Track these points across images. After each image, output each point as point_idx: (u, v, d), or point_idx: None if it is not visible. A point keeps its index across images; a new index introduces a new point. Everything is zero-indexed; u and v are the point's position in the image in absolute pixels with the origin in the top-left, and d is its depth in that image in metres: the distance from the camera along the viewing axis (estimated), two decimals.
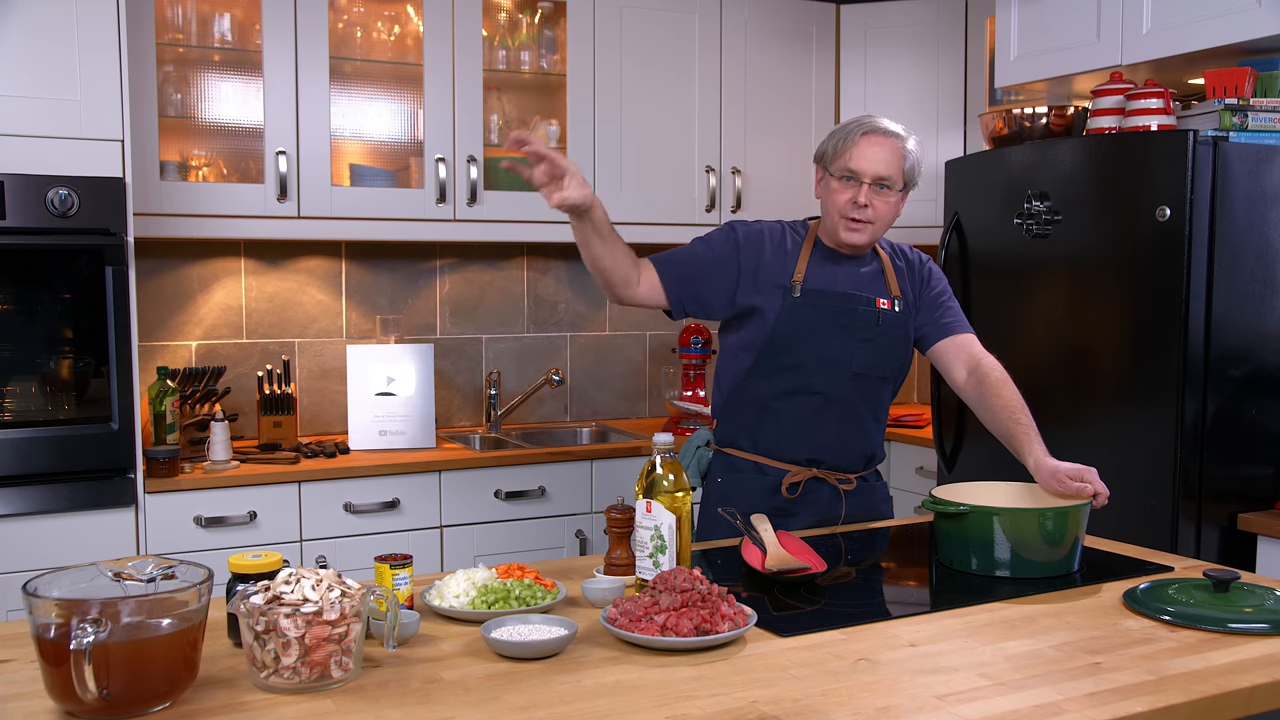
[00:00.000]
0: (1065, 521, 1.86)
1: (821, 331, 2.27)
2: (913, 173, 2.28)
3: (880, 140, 2.24)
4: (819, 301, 2.27)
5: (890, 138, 2.24)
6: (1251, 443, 2.73)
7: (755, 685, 1.37)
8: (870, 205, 2.23)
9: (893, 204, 2.26)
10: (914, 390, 4.64)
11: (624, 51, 3.65)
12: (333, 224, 3.30)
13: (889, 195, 2.25)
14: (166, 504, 2.88)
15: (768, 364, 2.29)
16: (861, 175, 2.23)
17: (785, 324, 2.26)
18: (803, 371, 2.28)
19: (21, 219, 2.65)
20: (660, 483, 1.77)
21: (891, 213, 2.27)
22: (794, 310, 2.26)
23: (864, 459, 2.37)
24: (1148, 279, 2.72)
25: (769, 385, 2.30)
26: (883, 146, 2.23)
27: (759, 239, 2.33)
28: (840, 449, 2.33)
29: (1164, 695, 1.34)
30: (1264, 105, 2.71)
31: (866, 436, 2.36)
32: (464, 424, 3.85)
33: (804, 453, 2.31)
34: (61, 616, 1.23)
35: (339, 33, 3.39)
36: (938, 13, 3.95)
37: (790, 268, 2.30)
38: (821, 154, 2.32)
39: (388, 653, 1.48)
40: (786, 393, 2.29)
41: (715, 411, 2.43)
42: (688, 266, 2.30)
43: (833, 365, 2.27)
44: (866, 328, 2.28)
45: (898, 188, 2.25)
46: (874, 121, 2.27)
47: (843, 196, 2.25)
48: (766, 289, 2.28)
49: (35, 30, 2.68)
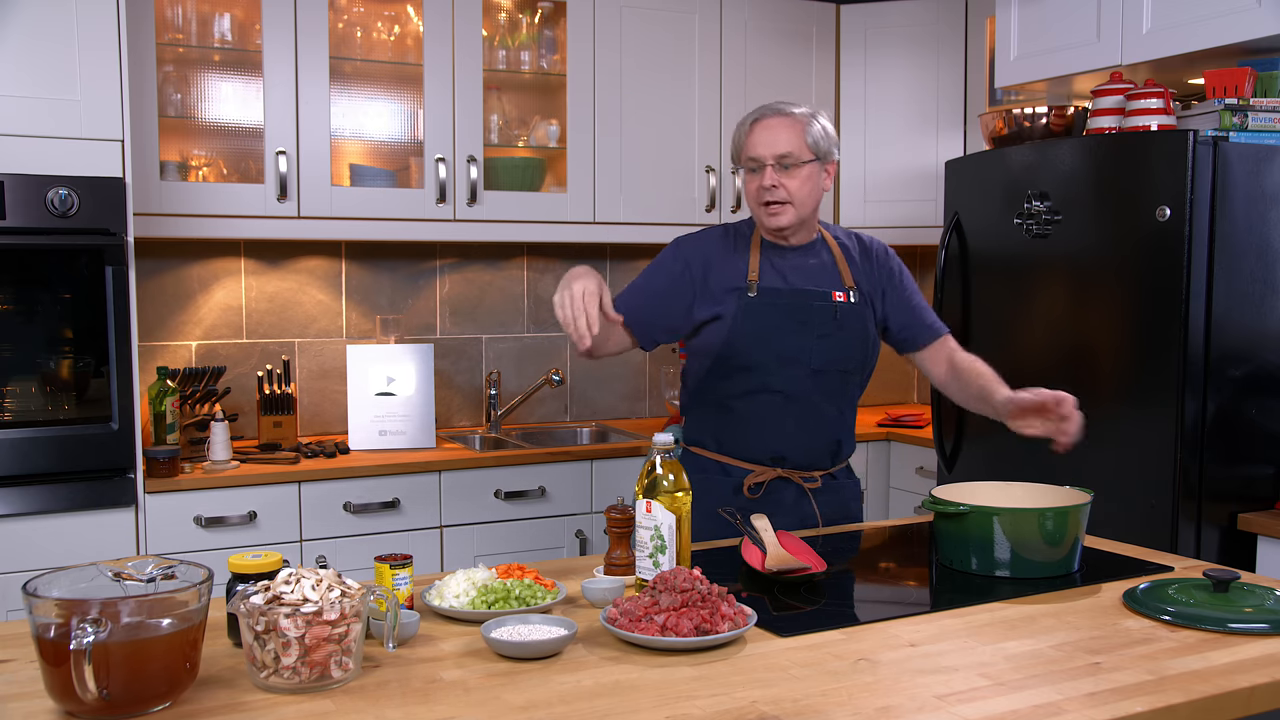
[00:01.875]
0: (1065, 521, 1.86)
1: (778, 330, 2.27)
2: (819, 144, 2.26)
3: (772, 122, 2.26)
4: (774, 299, 2.28)
5: (784, 117, 2.26)
6: (1251, 443, 2.73)
7: (755, 685, 1.37)
8: (779, 185, 2.24)
9: (804, 178, 2.25)
10: (914, 390, 4.64)
11: (624, 51, 3.65)
12: (333, 224, 3.30)
13: (797, 171, 2.24)
14: (166, 504, 2.88)
15: (726, 364, 2.29)
16: (762, 159, 2.24)
17: (743, 325, 2.27)
18: (761, 370, 2.28)
19: (21, 219, 2.65)
20: (660, 483, 1.77)
21: (807, 188, 2.26)
22: (750, 310, 2.27)
23: (829, 455, 2.36)
24: (1148, 279, 2.72)
25: (728, 385, 2.31)
26: (776, 127, 2.25)
27: (704, 250, 2.34)
28: (803, 447, 2.32)
29: (1164, 695, 1.34)
30: (1264, 105, 2.72)
31: (831, 433, 2.35)
32: (464, 424, 3.85)
33: (767, 452, 2.31)
34: (61, 616, 1.23)
35: (339, 33, 3.39)
36: (938, 13, 3.95)
37: (742, 269, 2.31)
38: (731, 153, 2.36)
39: (388, 653, 1.48)
40: (746, 392, 2.30)
41: (682, 410, 2.46)
42: (645, 301, 2.32)
43: (791, 363, 2.28)
44: (824, 323, 2.28)
45: (805, 160, 2.24)
46: (766, 107, 2.30)
47: (753, 185, 2.28)
48: (721, 295, 2.29)
49: (35, 30, 2.68)
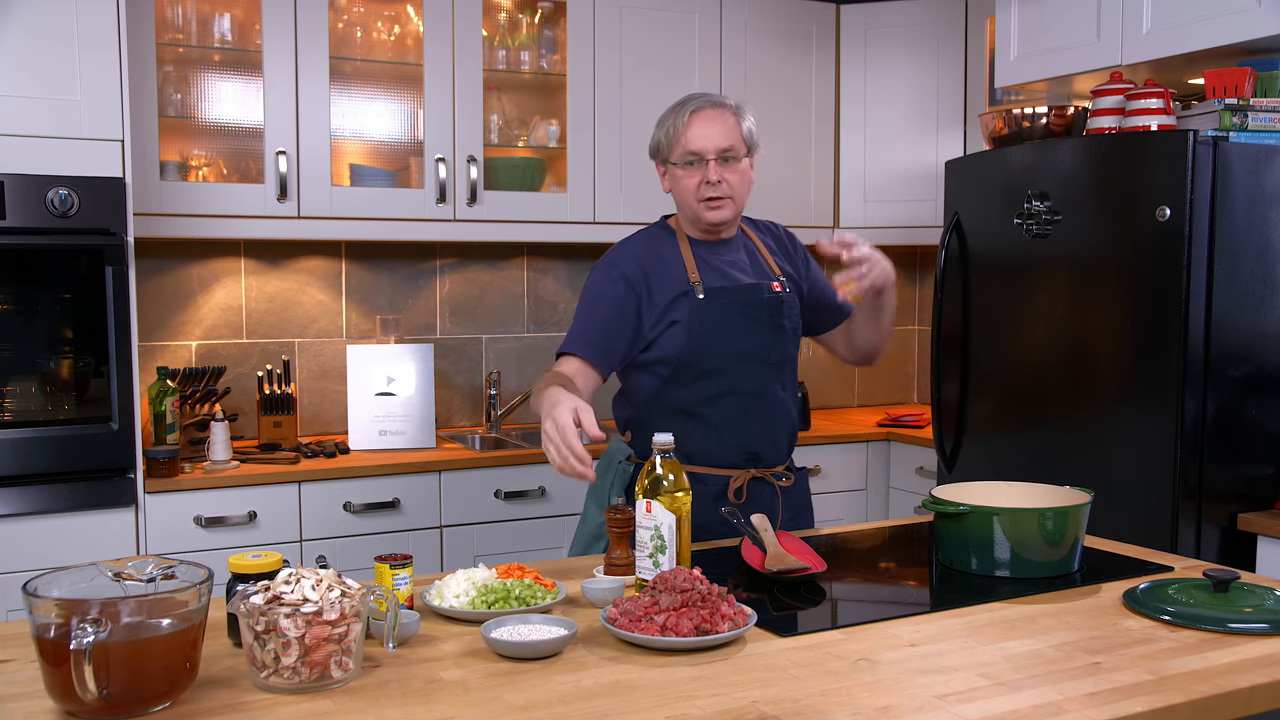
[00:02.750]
0: (1065, 521, 1.86)
1: (734, 329, 2.22)
2: (751, 136, 2.24)
3: (711, 115, 2.20)
4: (723, 298, 2.22)
5: (720, 109, 2.21)
6: (1251, 443, 2.73)
7: (755, 685, 1.37)
8: (723, 180, 2.19)
9: (742, 173, 2.22)
10: (914, 390, 4.64)
11: (624, 51, 3.65)
12: (333, 224, 3.30)
13: (736, 165, 2.21)
14: (166, 504, 2.88)
15: (688, 371, 2.21)
16: (705, 153, 2.19)
17: (700, 328, 2.20)
18: (725, 373, 2.22)
19: (21, 219, 2.65)
20: (660, 483, 1.77)
21: (745, 182, 2.24)
22: (703, 313, 2.20)
23: (788, 447, 2.34)
24: (1148, 279, 2.72)
25: (691, 392, 2.22)
26: (716, 120, 2.20)
27: (638, 262, 2.25)
28: (772, 443, 2.29)
29: (1164, 695, 1.34)
30: (1264, 105, 2.71)
31: (789, 424, 2.33)
32: (464, 424, 3.85)
33: (740, 454, 2.25)
34: (61, 616, 1.23)
35: (339, 33, 3.39)
36: (938, 13, 3.95)
37: (680, 272, 2.24)
38: (656, 147, 2.27)
39: (388, 653, 1.48)
40: (712, 397, 2.22)
41: (627, 425, 2.32)
42: (598, 333, 2.21)
43: (753, 360, 2.23)
44: (775, 314, 2.26)
45: (742, 154, 2.22)
46: (698, 99, 2.23)
47: (692, 180, 2.21)
48: (668, 304, 2.21)
49: (35, 30, 2.68)
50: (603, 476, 2.29)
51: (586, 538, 2.33)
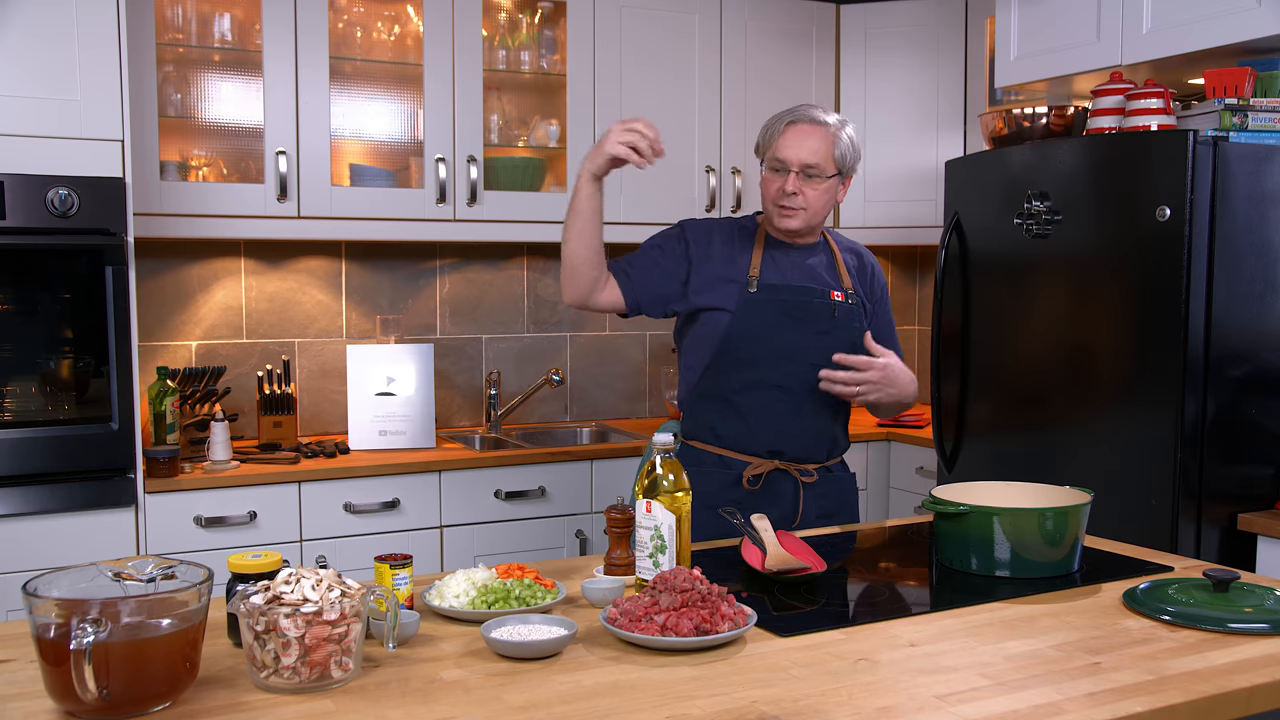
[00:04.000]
0: (1065, 521, 1.86)
1: (776, 325, 2.30)
2: (845, 159, 2.31)
3: (806, 129, 2.29)
4: (774, 295, 2.31)
5: (818, 126, 2.29)
6: (1251, 443, 2.73)
7: (755, 685, 1.37)
8: (800, 192, 2.28)
9: (823, 190, 2.30)
10: None
11: (624, 51, 3.65)
12: (333, 224, 3.30)
13: (818, 183, 2.29)
14: (166, 504, 2.88)
15: (725, 359, 2.32)
16: (789, 164, 2.28)
17: (741, 319, 2.30)
18: (760, 365, 2.31)
19: (21, 219, 2.65)
20: (660, 483, 1.77)
21: (823, 199, 2.32)
22: (750, 305, 2.30)
23: (826, 449, 2.40)
24: (1148, 279, 2.72)
25: (727, 380, 2.34)
26: (809, 135, 2.28)
27: (707, 234, 2.38)
28: (801, 441, 2.36)
29: (1164, 695, 1.34)
30: (1264, 105, 2.71)
31: (827, 427, 2.38)
32: (464, 424, 3.85)
33: (765, 445, 2.34)
34: (61, 616, 1.23)
35: (339, 33, 3.39)
36: (938, 13, 3.95)
37: (744, 263, 2.34)
38: (757, 146, 2.38)
39: (388, 653, 1.48)
40: (745, 386, 2.33)
41: (680, 405, 2.47)
42: (641, 268, 2.37)
43: (789, 358, 2.31)
44: (822, 319, 2.32)
45: (828, 174, 2.29)
46: (802, 110, 2.32)
47: (773, 185, 2.31)
48: (720, 285, 2.32)
49: (35, 30, 2.68)
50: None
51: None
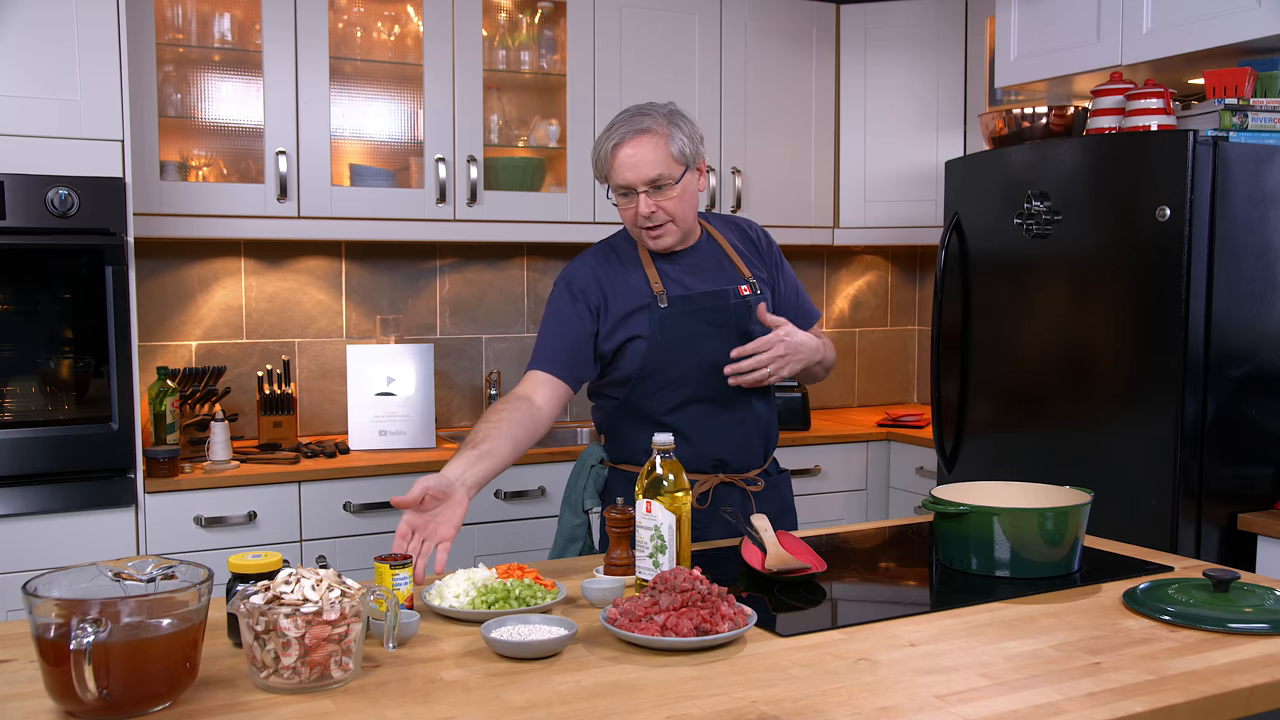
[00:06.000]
0: (1065, 521, 1.86)
1: (698, 336, 2.17)
2: (686, 151, 2.12)
3: (634, 144, 2.09)
4: (686, 306, 2.17)
5: (644, 135, 2.09)
6: (1251, 443, 2.73)
7: (755, 685, 1.37)
8: (657, 209, 2.12)
9: (679, 194, 2.13)
10: (914, 390, 4.64)
11: (624, 51, 3.65)
12: (333, 224, 3.30)
13: (671, 190, 2.11)
14: (166, 504, 2.88)
15: (652, 380, 2.19)
16: (633, 186, 2.11)
17: (661, 338, 2.16)
18: (689, 382, 2.19)
19: (21, 219, 2.65)
20: (660, 483, 1.77)
21: (685, 202, 2.15)
22: (666, 322, 2.17)
23: (763, 453, 2.31)
24: (1148, 279, 2.72)
25: (656, 401, 2.20)
26: (639, 148, 2.09)
27: (595, 277, 2.21)
28: (741, 449, 2.26)
29: (1164, 695, 1.34)
30: (1264, 105, 2.71)
31: (763, 430, 2.29)
32: (464, 424, 3.85)
33: (707, 460, 2.23)
34: (61, 616, 1.23)
35: (339, 33, 3.39)
36: (938, 13, 3.95)
37: (642, 284, 2.19)
38: (596, 176, 2.21)
39: (388, 653, 1.48)
40: (677, 406, 2.20)
41: (600, 429, 2.32)
42: (559, 348, 2.18)
43: (717, 369, 2.15)
44: (741, 321, 2.20)
45: (676, 178, 2.11)
46: (623, 125, 2.12)
47: (628, 212, 2.15)
48: (628, 317, 2.18)
49: (35, 30, 2.68)
50: (575, 480, 2.31)
51: (562, 541, 2.33)
